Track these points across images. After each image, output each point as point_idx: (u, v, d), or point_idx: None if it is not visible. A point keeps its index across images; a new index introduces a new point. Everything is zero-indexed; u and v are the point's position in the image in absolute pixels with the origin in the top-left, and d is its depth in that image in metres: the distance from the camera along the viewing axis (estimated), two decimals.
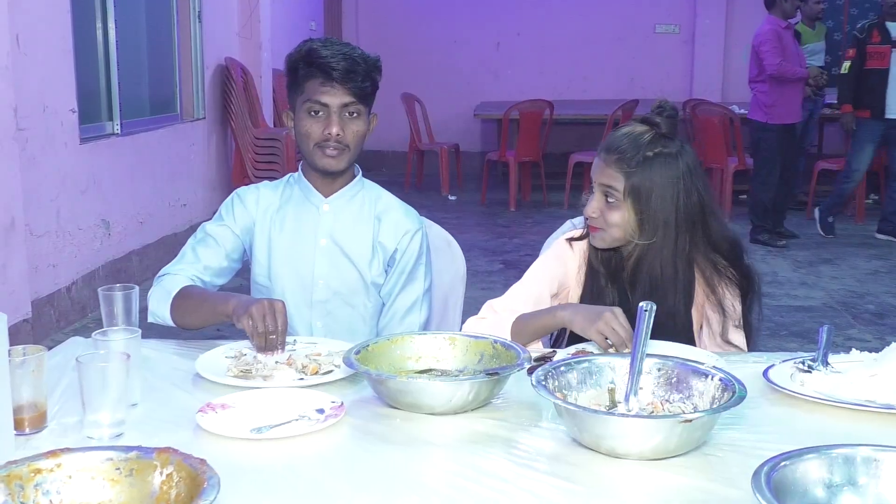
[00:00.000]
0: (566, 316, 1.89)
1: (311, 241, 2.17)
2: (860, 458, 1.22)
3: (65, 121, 4.66)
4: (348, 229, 2.17)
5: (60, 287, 4.62)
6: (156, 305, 2.07)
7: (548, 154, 8.52)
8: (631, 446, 1.38)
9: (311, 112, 2.08)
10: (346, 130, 2.08)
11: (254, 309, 1.84)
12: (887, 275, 5.95)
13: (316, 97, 2.07)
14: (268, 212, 2.19)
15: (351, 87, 2.06)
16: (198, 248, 2.15)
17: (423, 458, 1.45)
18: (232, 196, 2.24)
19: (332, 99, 2.06)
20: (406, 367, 1.74)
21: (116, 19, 5.38)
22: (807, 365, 1.75)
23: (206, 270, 2.13)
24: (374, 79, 2.11)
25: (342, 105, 2.07)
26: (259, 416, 1.53)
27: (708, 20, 10.29)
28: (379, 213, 2.20)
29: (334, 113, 2.07)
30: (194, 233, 2.21)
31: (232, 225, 2.18)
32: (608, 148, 1.98)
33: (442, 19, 10.56)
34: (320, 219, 2.17)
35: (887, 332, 4.67)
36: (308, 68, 2.08)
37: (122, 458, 1.20)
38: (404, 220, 2.20)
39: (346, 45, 2.11)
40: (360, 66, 2.07)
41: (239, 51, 7.34)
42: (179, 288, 2.05)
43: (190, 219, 6.41)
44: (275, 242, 2.17)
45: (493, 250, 6.61)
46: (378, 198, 2.23)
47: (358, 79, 2.06)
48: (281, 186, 2.23)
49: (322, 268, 2.16)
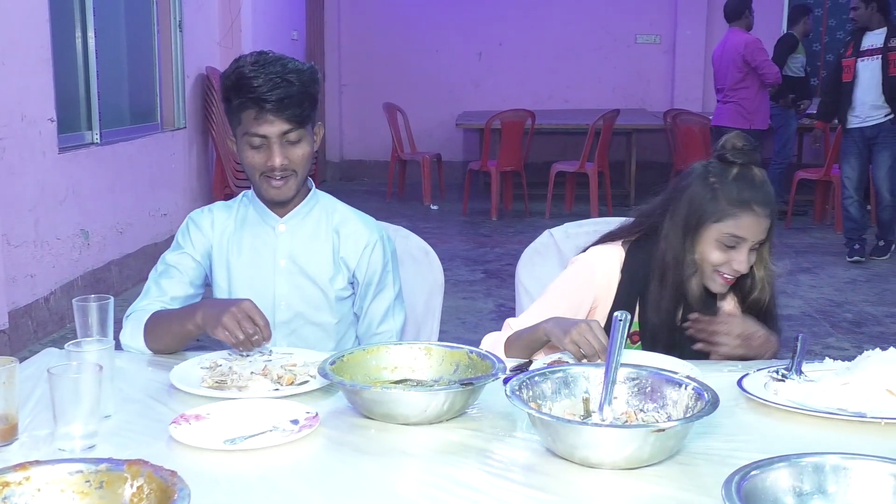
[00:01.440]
0: (547, 328, 1.88)
1: (269, 262, 2.13)
2: (829, 466, 1.23)
3: (43, 130, 4.64)
4: (306, 247, 2.13)
5: (38, 297, 4.59)
6: (129, 340, 2.02)
7: (529, 163, 8.55)
8: (604, 456, 1.38)
9: (250, 144, 2.02)
10: (290, 157, 2.02)
11: (226, 319, 1.83)
12: (865, 284, 6.00)
13: (253, 130, 1.99)
14: (224, 234, 2.15)
15: (288, 115, 1.98)
16: (161, 281, 2.12)
17: (397, 468, 1.45)
18: (186, 221, 2.19)
19: (269, 129, 1.98)
20: (382, 378, 1.74)
21: (96, 28, 5.35)
22: (780, 374, 1.76)
23: (173, 301, 2.09)
24: (312, 96, 2.03)
25: (281, 133, 1.99)
26: (233, 427, 1.53)
27: (688, 31, 10.36)
28: (336, 225, 2.15)
29: (274, 143, 2.00)
30: (154, 266, 2.17)
31: (191, 251, 2.14)
32: (765, 203, 1.95)
33: (424, 29, 10.59)
34: (277, 240, 2.13)
35: (865, 341, 4.71)
36: (240, 99, 1.99)
37: (92, 471, 1.19)
38: (363, 231, 2.15)
39: (278, 64, 1.99)
40: (295, 88, 1.97)
41: (220, 60, 7.32)
42: (147, 317, 2.02)
43: (170, 228, 6.38)
44: (233, 265, 2.13)
45: (474, 260, 6.62)
46: (334, 210, 2.18)
47: (293, 105, 1.98)
48: (235, 207, 2.18)
49: (283, 288, 2.12)
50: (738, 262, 1.95)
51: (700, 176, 1.99)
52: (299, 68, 2.02)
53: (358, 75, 10.55)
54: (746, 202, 1.93)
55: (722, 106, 6.97)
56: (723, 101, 6.95)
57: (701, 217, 1.96)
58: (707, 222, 1.96)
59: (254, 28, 7.73)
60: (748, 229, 1.94)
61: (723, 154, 1.99)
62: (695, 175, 2.01)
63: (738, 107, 6.82)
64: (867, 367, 1.67)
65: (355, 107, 10.60)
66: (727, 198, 1.94)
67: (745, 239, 1.95)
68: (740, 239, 1.95)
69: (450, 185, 9.55)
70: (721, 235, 1.95)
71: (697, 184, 1.99)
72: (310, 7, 10.20)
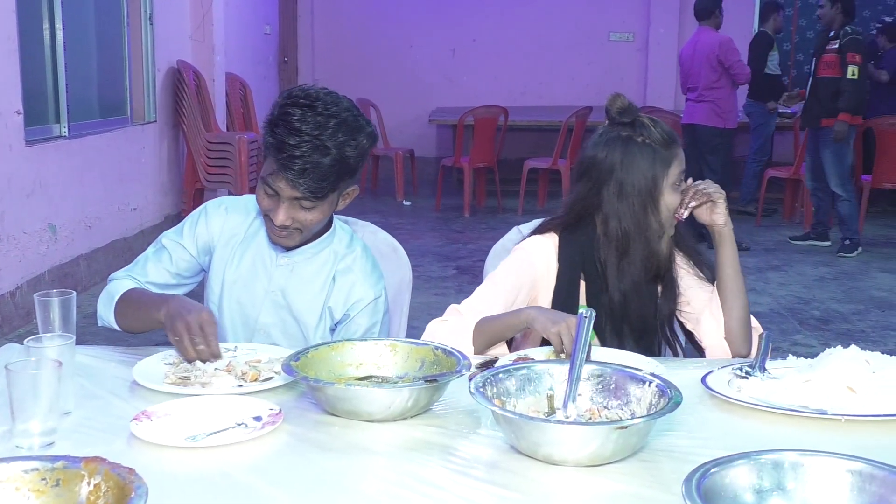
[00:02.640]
0: (531, 313, 1.89)
1: (262, 288, 2.07)
2: (788, 463, 1.24)
3: (10, 123, 4.58)
4: (300, 288, 2.06)
5: (4, 292, 4.53)
6: (102, 309, 2.06)
7: (502, 160, 8.56)
8: (567, 453, 1.38)
9: (264, 189, 1.89)
10: (297, 218, 1.90)
11: (178, 325, 1.80)
12: (833, 281, 6.06)
13: (268, 180, 1.86)
14: (230, 242, 2.09)
15: (306, 187, 1.83)
16: (149, 262, 2.08)
17: (360, 465, 1.44)
18: (200, 210, 2.12)
19: (283, 189, 1.85)
20: (346, 374, 1.73)
21: (64, 19, 5.29)
22: (744, 371, 1.77)
23: (150, 286, 2.07)
24: (349, 168, 1.86)
25: (293, 198, 1.86)
26: (195, 424, 1.51)
27: (661, 29, 10.42)
28: (337, 272, 2.06)
29: (284, 202, 1.87)
30: (157, 238, 2.14)
31: (189, 244, 2.09)
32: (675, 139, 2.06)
33: (398, 24, 10.57)
34: (275, 270, 2.06)
35: (831, 338, 4.76)
36: (272, 139, 1.84)
37: (48, 468, 1.17)
38: (359, 290, 2.06)
39: (329, 123, 1.81)
40: (328, 159, 1.81)
41: (191, 54, 7.27)
42: (122, 291, 2.03)
43: (140, 223, 6.33)
44: (227, 278, 2.09)
45: (446, 256, 6.62)
46: (344, 255, 2.07)
47: (316, 179, 1.81)
48: (252, 215, 2.10)
49: (267, 317, 2.08)
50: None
51: (620, 143, 2.04)
52: (349, 132, 1.84)
53: (331, 70, 10.51)
54: (673, 139, 2.06)
55: (694, 105, 7.01)
56: (695, 100, 7.00)
57: (656, 176, 2.03)
58: (662, 178, 2.03)
59: (226, 22, 7.68)
60: (683, 160, 2.08)
61: (622, 113, 2.05)
62: (610, 146, 2.05)
63: (714, 105, 6.88)
64: (829, 365, 1.68)
65: None
66: (662, 144, 2.03)
67: (684, 169, 2.08)
68: (682, 171, 2.08)
69: (423, 180, 9.55)
70: (673, 181, 2.04)
71: (628, 151, 2.03)
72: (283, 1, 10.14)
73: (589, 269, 2.09)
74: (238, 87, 8.14)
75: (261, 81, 9.23)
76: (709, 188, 2.05)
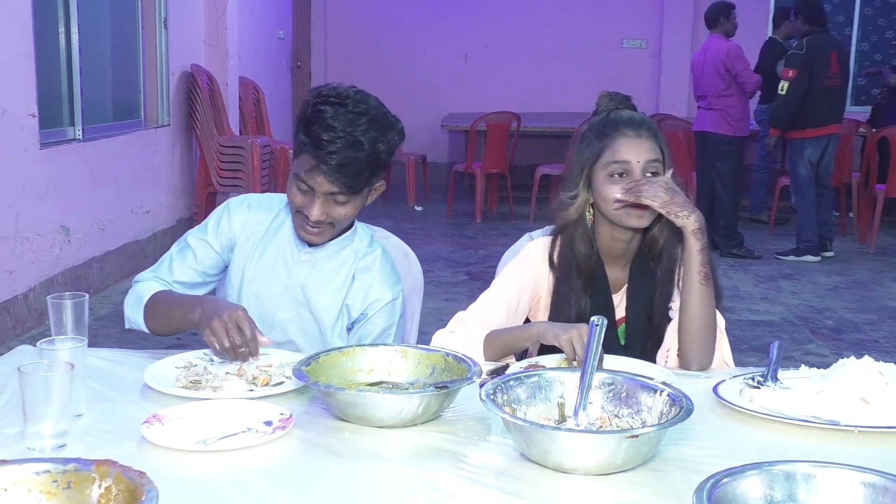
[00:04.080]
0: (541, 328, 1.89)
1: (282, 283, 2.09)
2: (800, 474, 1.23)
3: (25, 125, 4.60)
4: (321, 285, 2.08)
5: (17, 294, 4.55)
6: (129, 311, 2.07)
7: (514, 166, 8.56)
8: (577, 461, 1.38)
9: (297, 186, 1.93)
10: (330, 213, 1.94)
11: (215, 324, 1.81)
12: (846, 290, 6.03)
13: (303, 176, 1.90)
14: (251, 238, 2.11)
15: (342, 182, 1.88)
16: (175, 261, 2.10)
17: (370, 471, 1.44)
18: (224, 207, 2.15)
19: (318, 186, 1.89)
20: (357, 380, 1.73)
21: (80, 23, 5.31)
22: (756, 381, 1.76)
23: (177, 285, 2.08)
24: (380, 164, 1.91)
25: (329, 193, 1.91)
26: (206, 428, 1.52)
27: (674, 36, 10.40)
28: (357, 271, 2.09)
29: (318, 198, 1.91)
30: (180, 238, 2.15)
31: (213, 242, 2.10)
32: (638, 125, 1.99)
33: (411, 30, 10.58)
34: (296, 267, 2.09)
35: (844, 348, 4.73)
36: (305, 138, 1.88)
37: (59, 471, 1.18)
38: (377, 288, 2.09)
39: (361, 120, 1.86)
40: (362, 154, 1.86)
41: (205, 58, 7.29)
42: (151, 293, 2.03)
43: (153, 226, 6.35)
44: (247, 273, 2.11)
45: (458, 261, 6.62)
46: (365, 254, 2.10)
47: (352, 174, 1.87)
48: (275, 212, 2.13)
49: (286, 313, 2.10)
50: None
51: (578, 139, 2.09)
52: (380, 129, 1.90)
53: (344, 75, 10.51)
54: (614, 128, 1.99)
55: (705, 112, 7.00)
56: (706, 108, 6.99)
57: (584, 164, 2.02)
58: (590, 166, 2.01)
59: (240, 26, 7.71)
60: (626, 151, 1.97)
61: (597, 111, 2.09)
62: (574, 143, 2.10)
63: (724, 114, 6.87)
64: (842, 375, 1.67)
65: None
66: (597, 135, 2.02)
67: (629, 161, 1.97)
68: (624, 163, 1.97)
69: (434, 186, 9.55)
70: (606, 169, 1.99)
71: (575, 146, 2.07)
72: (296, 6, 10.18)
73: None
74: (251, 91, 8.17)
75: (274, 86, 9.26)
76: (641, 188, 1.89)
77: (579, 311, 2.03)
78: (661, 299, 2.05)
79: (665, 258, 2.04)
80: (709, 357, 1.95)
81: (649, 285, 2.06)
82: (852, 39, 10.08)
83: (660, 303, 2.05)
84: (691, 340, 1.93)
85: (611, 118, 2.02)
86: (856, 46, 10.09)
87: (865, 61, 10.04)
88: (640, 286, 2.06)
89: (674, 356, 1.98)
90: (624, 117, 2.01)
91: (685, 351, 1.94)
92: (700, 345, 1.93)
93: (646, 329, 2.07)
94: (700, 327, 1.93)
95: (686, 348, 1.94)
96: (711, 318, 1.95)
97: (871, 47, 10.12)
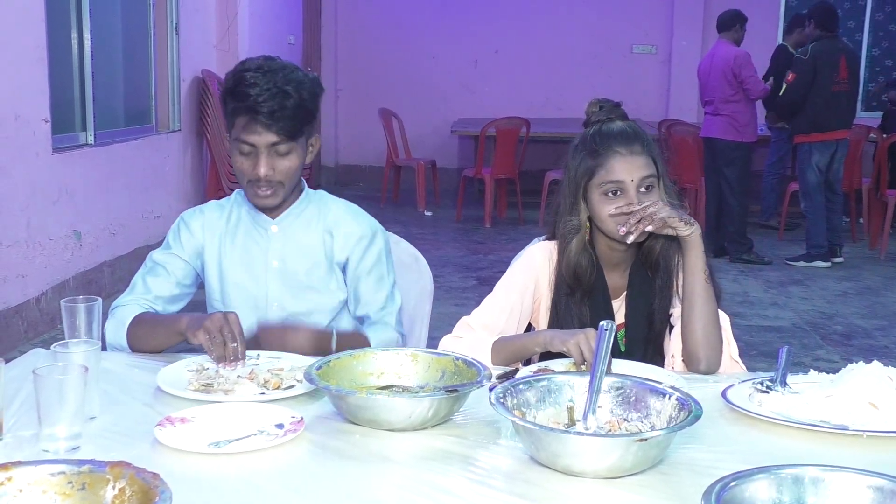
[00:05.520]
0: (547, 336, 1.92)
1: (261, 263, 2.14)
2: (809, 478, 1.24)
3: (37, 130, 4.64)
4: (299, 249, 2.14)
5: (29, 298, 4.58)
6: (112, 337, 2.07)
7: (524, 171, 8.56)
8: (586, 464, 1.39)
9: (240, 150, 2.02)
10: (276, 169, 2.01)
11: (207, 322, 1.85)
12: (856, 296, 6.02)
13: (243, 137, 1.99)
14: (215, 235, 2.16)
15: (279, 127, 1.97)
16: (147, 279, 2.14)
17: (380, 474, 1.45)
18: (177, 221, 2.21)
19: (258, 139, 1.98)
20: (368, 383, 1.74)
21: (92, 29, 5.36)
22: (765, 385, 1.77)
23: (158, 300, 2.12)
24: (308, 110, 2.02)
25: (270, 144, 1.99)
26: (218, 431, 1.53)
27: (684, 42, 10.39)
28: (330, 226, 2.15)
29: (262, 153, 1.99)
30: (143, 263, 2.19)
31: (179, 252, 2.15)
32: (631, 140, 1.98)
33: (421, 35, 10.60)
34: (269, 241, 2.14)
35: (854, 354, 4.72)
36: (235, 103, 1.99)
37: (74, 472, 1.19)
38: (356, 229, 2.15)
39: (280, 73, 1.99)
40: (290, 101, 1.97)
41: (216, 63, 7.33)
42: (132, 316, 2.06)
43: (164, 231, 6.30)
44: (225, 266, 2.15)
45: (467, 266, 6.63)
46: (328, 211, 2.17)
47: (286, 118, 1.97)
48: (227, 207, 2.19)
49: (275, 290, 2.14)
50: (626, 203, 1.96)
51: (571, 151, 2.07)
52: (300, 79, 2.01)
53: (354, 80, 10.56)
54: (608, 146, 1.98)
55: (712, 118, 6.99)
56: (713, 114, 6.98)
57: (579, 182, 2.02)
58: (584, 183, 2.01)
59: (250, 32, 7.74)
60: (621, 170, 1.97)
61: (587, 121, 2.08)
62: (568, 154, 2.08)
63: (731, 119, 6.86)
64: (851, 381, 1.67)
65: (351, 112, 10.62)
66: (590, 153, 2.01)
67: (623, 181, 1.97)
68: (618, 182, 1.97)
69: (444, 191, 9.56)
70: (601, 188, 1.99)
71: (569, 159, 2.06)
72: (307, 12, 10.21)
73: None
74: None
75: None
76: (660, 213, 1.92)
77: (581, 318, 2.04)
78: (661, 305, 2.07)
79: (663, 265, 2.06)
80: (717, 354, 1.96)
81: (649, 291, 2.07)
82: (863, 44, 10.05)
83: (660, 308, 2.07)
84: (697, 339, 1.94)
85: (603, 132, 2.01)
86: (867, 51, 10.06)
87: (877, 66, 10.02)
88: (640, 292, 2.07)
89: (679, 362, 1.99)
90: (615, 131, 2.01)
91: (692, 351, 1.95)
92: (707, 342, 1.95)
93: (646, 334, 2.08)
94: (706, 325, 1.95)
95: (693, 347, 1.95)
96: (715, 315, 1.97)
97: (882, 52, 10.09)
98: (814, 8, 6.84)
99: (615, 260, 2.08)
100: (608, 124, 2.03)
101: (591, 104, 2.10)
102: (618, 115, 2.07)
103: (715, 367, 1.96)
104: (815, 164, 6.69)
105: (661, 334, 2.07)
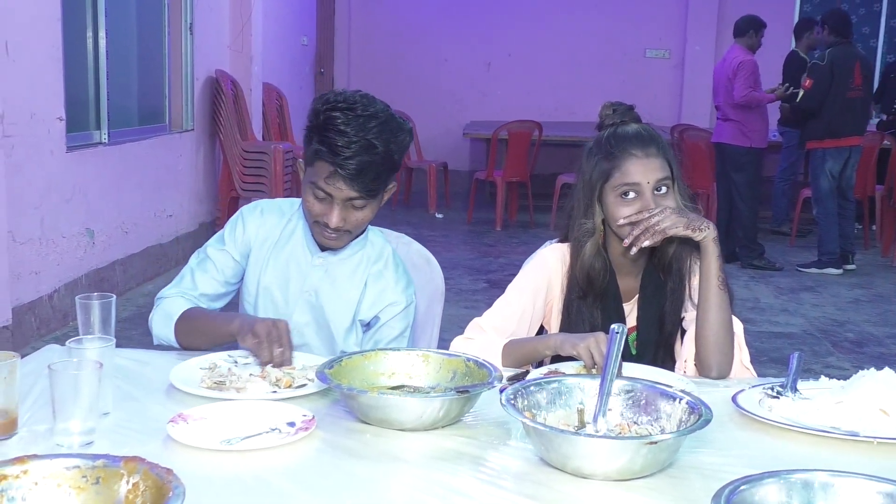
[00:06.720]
0: (557, 339, 1.92)
1: (297, 287, 2.12)
2: (818, 483, 1.24)
3: (52, 129, 4.67)
4: (334, 289, 2.11)
5: (42, 295, 4.61)
6: (159, 329, 2.07)
7: (535, 175, 8.57)
8: (596, 467, 1.39)
9: (315, 194, 1.95)
10: (348, 220, 1.96)
11: (258, 327, 1.85)
12: (868, 304, 6.00)
13: (321, 185, 1.92)
14: (265, 244, 2.14)
15: (360, 185, 1.90)
16: (196, 274, 2.12)
17: (391, 473, 1.46)
18: (237, 216, 2.18)
19: (337, 192, 1.92)
20: (379, 383, 1.75)
21: (108, 28, 5.39)
22: (776, 391, 1.77)
23: (202, 297, 2.11)
24: (393, 165, 1.95)
25: (347, 198, 1.93)
26: (230, 428, 1.54)
27: (698, 46, 10.39)
28: (370, 276, 2.11)
29: (337, 205, 1.94)
30: (197, 251, 2.18)
31: (232, 250, 2.13)
32: (647, 143, 1.98)
33: (433, 38, 10.62)
34: (310, 271, 2.11)
35: (865, 361, 4.71)
36: (320, 146, 1.90)
37: (88, 466, 1.20)
38: (390, 293, 2.11)
39: (371, 123, 1.88)
40: (378, 157, 1.89)
41: (230, 63, 7.36)
42: (181, 311, 2.05)
43: (176, 230, 6.41)
44: (263, 279, 2.13)
45: (477, 269, 6.63)
46: (379, 258, 2.13)
47: (369, 178, 1.90)
48: (288, 215, 2.15)
49: (301, 316, 2.12)
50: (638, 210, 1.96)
51: (585, 154, 2.07)
52: (392, 131, 1.92)
53: (366, 82, 10.54)
54: (623, 149, 1.98)
55: (722, 123, 6.99)
56: (723, 119, 6.98)
57: (594, 185, 2.02)
58: (600, 186, 2.01)
59: (264, 32, 7.77)
60: (636, 172, 1.97)
61: (601, 124, 2.08)
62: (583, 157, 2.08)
63: (741, 125, 6.86)
64: (862, 387, 1.67)
65: None
66: (605, 155, 2.00)
67: (638, 183, 1.97)
68: (634, 184, 1.97)
69: (455, 193, 9.57)
70: (616, 190, 1.98)
71: (583, 162, 2.06)
72: (320, 13, 10.25)
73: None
74: (274, 97, 8.23)
75: (297, 92, 9.32)
76: (662, 223, 1.92)
77: (592, 322, 2.04)
78: (673, 308, 2.07)
79: (675, 267, 2.06)
80: (728, 360, 1.96)
81: (661, 294, 2.07)
82: (878, 51, 10.03)
83: (671, 311, 2.07)
84: (710, 345, 1.94)
85: (618, 135, 2.01)
86: (881, 58, 10.03)
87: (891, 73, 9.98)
88: (652, 295, 2.08)
89: (691, 366, 1.99)
90: (631, 133, 2.01)
91: (704, 357, 1.95)
92: (719, 349, 1.95)
93: (657, 338, 2.08)
94: (719, 331, 1.95)
95: (705, 353, 1.95)
96: (729, 322, 1.97)
97: None
98: (828, 14, 6.84)
99: (629, 263, 2.08)
100: (623, 127, 2.03)
101: (604, 107, 2.11)
102: (631, 119, 2.07)
103: (726, 374, 1.96)
104: (828, 170, 6.68)
105: (672, 337, 2.08)
